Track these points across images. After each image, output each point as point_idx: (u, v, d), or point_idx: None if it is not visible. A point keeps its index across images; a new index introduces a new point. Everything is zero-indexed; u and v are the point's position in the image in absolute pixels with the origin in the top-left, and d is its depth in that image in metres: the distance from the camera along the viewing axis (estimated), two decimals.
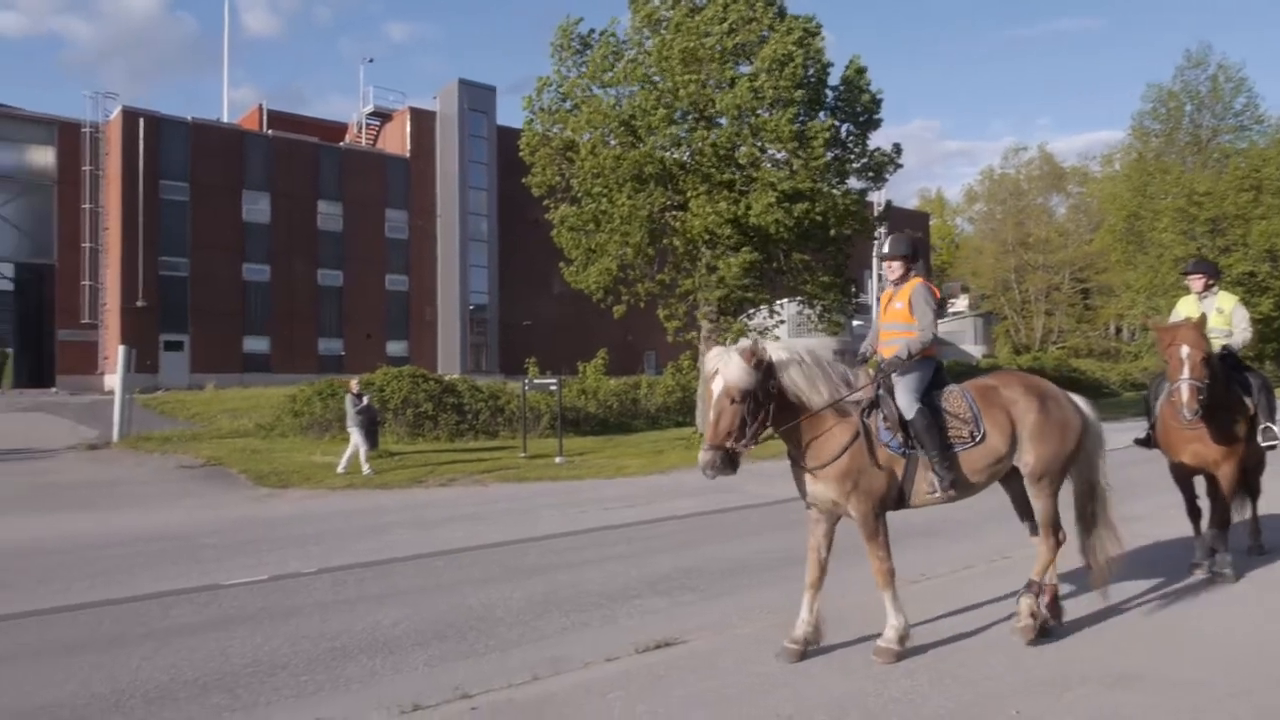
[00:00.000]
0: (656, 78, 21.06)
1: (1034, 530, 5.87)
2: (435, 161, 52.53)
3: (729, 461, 5.10)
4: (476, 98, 52.77)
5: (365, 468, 16.61)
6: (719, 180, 20.84)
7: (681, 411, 27.96)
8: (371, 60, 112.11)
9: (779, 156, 21.33)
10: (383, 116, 54.16)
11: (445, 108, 52.57)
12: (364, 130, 54.21)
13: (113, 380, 30.86)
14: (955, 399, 5.63)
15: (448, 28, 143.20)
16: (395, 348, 50.01)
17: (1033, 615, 5.50)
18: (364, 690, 5.28)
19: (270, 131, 49.79)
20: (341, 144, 52.54)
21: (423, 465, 17.67)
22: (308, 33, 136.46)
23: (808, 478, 5.38)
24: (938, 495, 5.42)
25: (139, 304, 43.23)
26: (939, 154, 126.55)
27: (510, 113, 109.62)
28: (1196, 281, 7.62)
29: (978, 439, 5.52)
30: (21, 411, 29.56)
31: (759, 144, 20.96)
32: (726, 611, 6.80)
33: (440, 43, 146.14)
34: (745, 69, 21.46)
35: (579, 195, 21.69)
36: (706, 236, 20.69)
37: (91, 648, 6.20)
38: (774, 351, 5.32)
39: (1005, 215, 71.47)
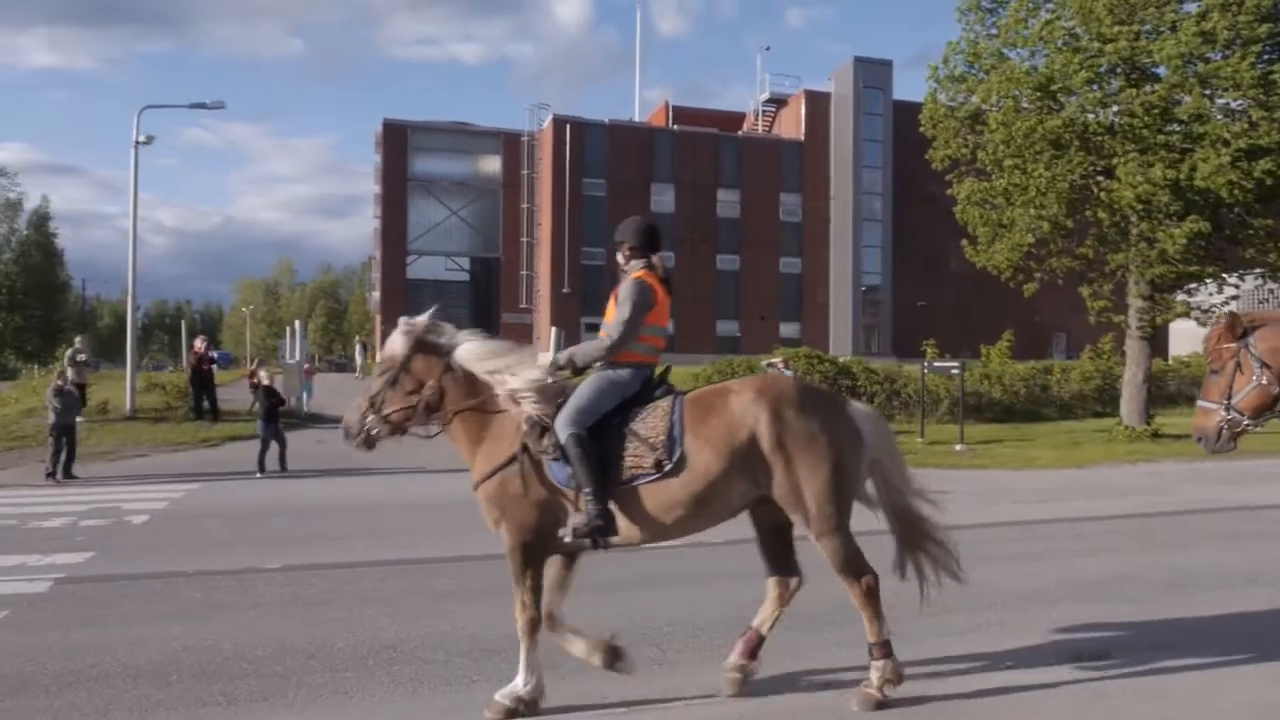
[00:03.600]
0: (1079, 31, 19.02)
1: (778, 583, 4.78)
2: (829, 143, 52.46)
3: (366, 439, 4.76)
4: (872, 74, 51.76)
5: None
6: (1153, 142, 18.33)
7: (1101, 400, 25.27)
8: (768, 48, 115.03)
9: (1234, 106, 18.24)
10: (778, 102, 55.19)
11: (840, 87, 52.22)
12: (760, 118, 55.67)
13: (545, 358, 34.99)
14: (655, 418, 4.48)
15: (844, 7, 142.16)
16: (788, 329, 50.97)
17: (883, 684, 4.46)
18: (778, 663, 5.40)
19: (675, 126, 53.04)
20: (739, 133, 54.44)
21: None
22: (712, 29, 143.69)
23: None
24: (586, 544, 4.42)
25: (565, 290, 48.47)
26: None
27: (908, 87, 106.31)
28: None
29: (667, 468, 4.35)
30: None
31: (1208, 94, 18.09)
32: (1167, 631, 5.98)
33: (837, 23, 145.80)
34: (1190, 8, 18.61)
35: (987, 168, 20.32)
36: (1138, 206, 18.32)
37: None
38: (455, 335, 4.82)
39: None
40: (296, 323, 27.21)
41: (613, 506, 4.43)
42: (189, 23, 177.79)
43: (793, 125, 53.58)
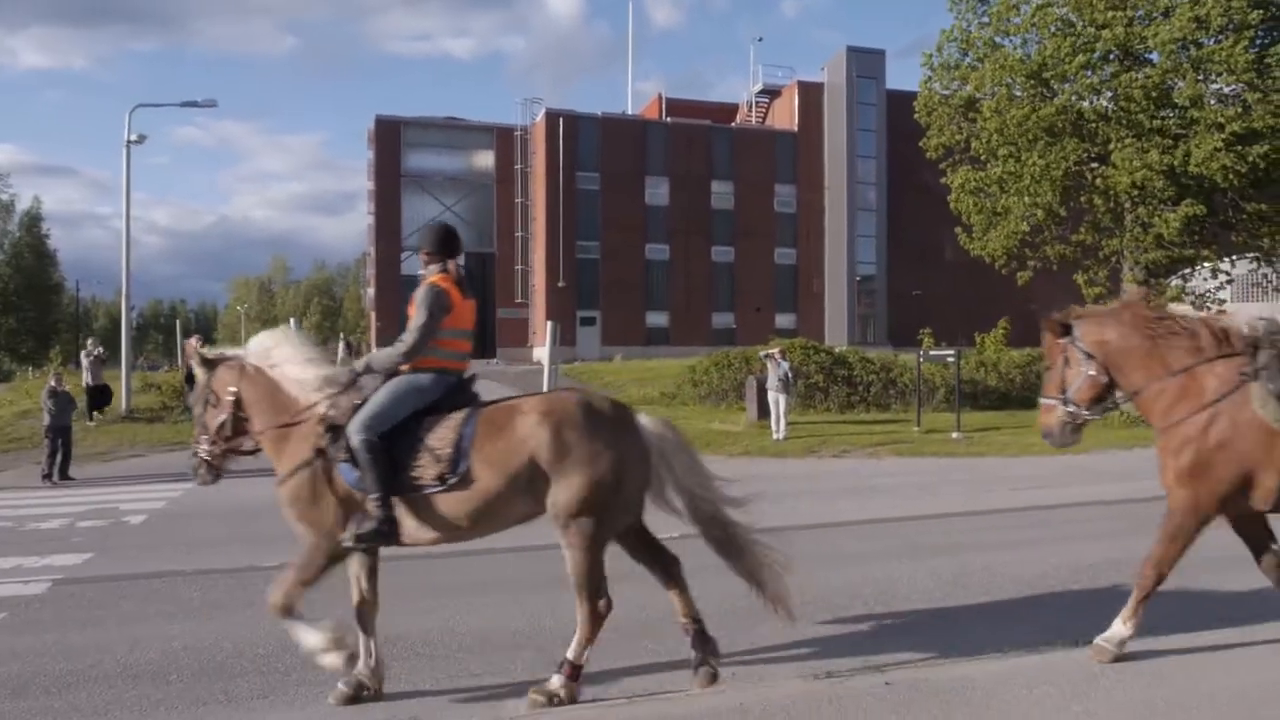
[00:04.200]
0: (1072, 18, 19.03)
1: (665, 578, 4.86)
2: (823, 133, 52.43)
3: (209, 467, 4.99)
4: (865, 64, 51.68)
5: (779, 432, 17.15)
6: (1149, 127, 18.34)
7: None
8: (761, 39, 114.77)
9: (1228, 91, 18.28)
10: (771, 93, 55.11)
11: (833, 77, 52.18)
12: (754, 109, 55.58)
13: (540, 352, 34.98)
14: (446, 429, 4.54)
15: None
16: (784, 320, 50.94)
17: (550, 697, 4.42)
18: (778, 652, 5.42)
19: (668, 119, 52.93)
20: (733, 124, 54.35)
21: (815, 436, 17.82)
22: (706, 21, 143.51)
23: None
24: (353, 544, 4.60)
25: (560, 284, 48.43)
26: None
27: (902, 76, 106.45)
28: None
29: (450, 482, 4.45)
30: None
31: (1202, 79, 18.11)
32: (1168, 612, 6.00)
33: (830, 12, 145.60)
34: None
35: (981, 156, 20.35)
36: (1134, 191, 18.35)
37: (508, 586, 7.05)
38: (251, 352, 5.03)
39: None
40: (291, 321, 27.14)
41: (399, 511, 4.55)
42: (180, 21, 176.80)
43: (786, 116, 53.49)
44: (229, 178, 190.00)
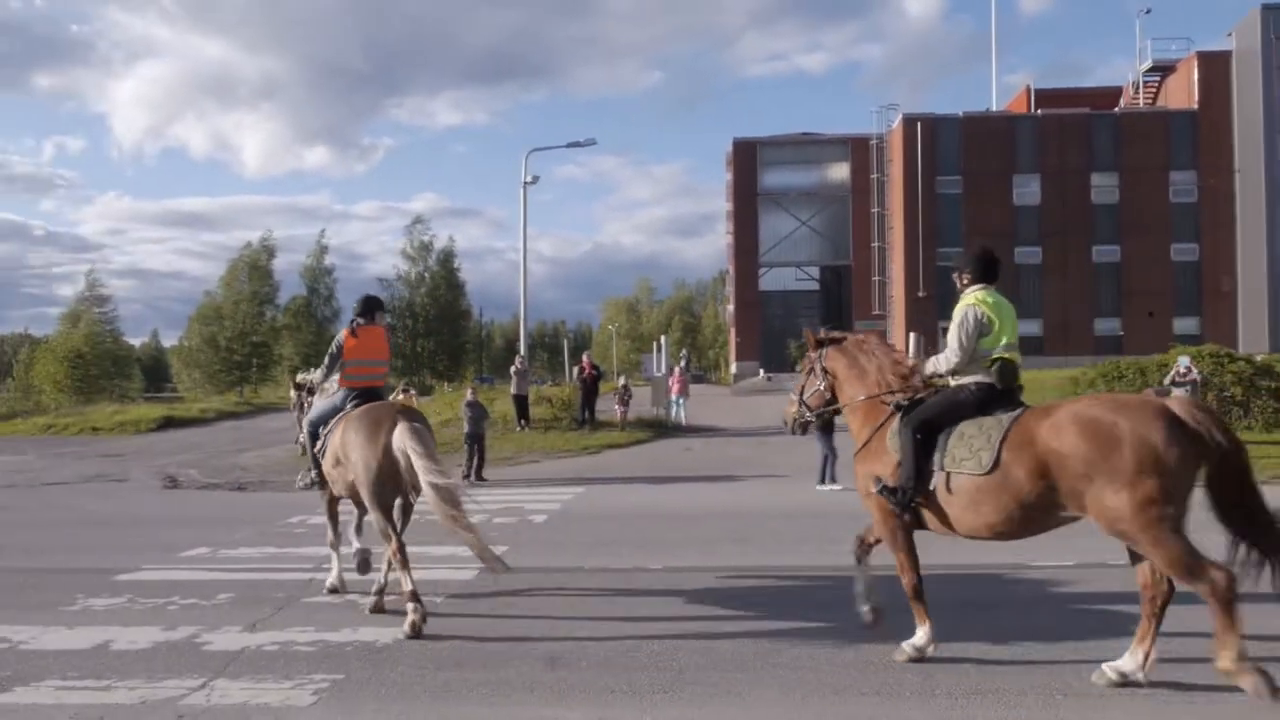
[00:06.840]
0: None
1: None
2: (1230, 109, 45.67)
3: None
4: None
5: None
6: None
7: None
8: (1149, 11, 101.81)
9: None
10: (1163, 70, 49.18)
11: (1243, 43, 45.32)
12: (1141, 90, 49.93)
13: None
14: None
15: None
16: (1183, 325, 44.95)
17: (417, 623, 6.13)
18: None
19: (1038, 111, 49.19)
20: (1115, 110, 49.20)
21: None
22: (1079, 1, 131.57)
23: None
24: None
25: (920, 294, 46.76)
26: None
27: None
28: (958, 280, 5.82)
29: (320, 453, 7.21)
30: None
31: None
32: None
33: None
34: None
35: None
36: None
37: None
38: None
39: None
40: (662, 338, 28.90)
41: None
42: (563, 71, 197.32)
43: (1182, 94, 47.22)
44: (601, 208, 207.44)
